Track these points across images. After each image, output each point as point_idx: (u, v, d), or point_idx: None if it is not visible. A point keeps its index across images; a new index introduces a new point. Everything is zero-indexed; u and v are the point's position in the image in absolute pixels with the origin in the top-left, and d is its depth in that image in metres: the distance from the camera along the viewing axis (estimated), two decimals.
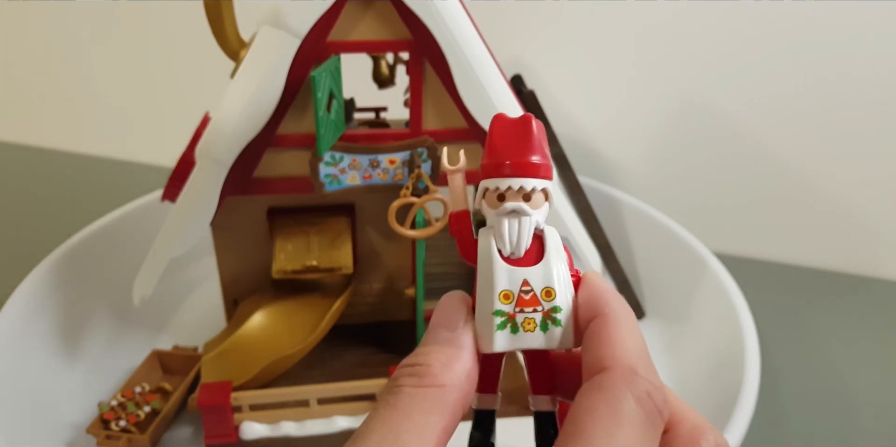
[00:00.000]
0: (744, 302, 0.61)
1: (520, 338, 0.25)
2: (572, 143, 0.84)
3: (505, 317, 0.25)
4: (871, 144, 0.76)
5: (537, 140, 0.26)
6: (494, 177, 0.26)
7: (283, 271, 0.54)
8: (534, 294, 0.25)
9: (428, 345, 0.26)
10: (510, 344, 0.25)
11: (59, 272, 0.64)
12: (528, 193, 0.26)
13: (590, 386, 0.23)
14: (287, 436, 0.52)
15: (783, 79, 0.75)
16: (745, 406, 0.50)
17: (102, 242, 0.70)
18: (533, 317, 0.25)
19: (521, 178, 0.25)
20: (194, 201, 0.51)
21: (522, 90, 0.68)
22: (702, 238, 0.70)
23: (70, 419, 0.57)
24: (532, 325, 0.25)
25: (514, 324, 0.25)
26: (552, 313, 0.25)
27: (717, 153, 0.81)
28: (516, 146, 0.26)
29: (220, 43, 0.50)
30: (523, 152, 0.25)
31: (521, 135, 0.26)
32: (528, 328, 0.25)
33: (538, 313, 0.25)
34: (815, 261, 0.82)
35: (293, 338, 0.54)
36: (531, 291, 0.25)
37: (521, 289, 0.25)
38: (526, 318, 0.25)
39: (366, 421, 0.24)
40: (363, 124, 0.57)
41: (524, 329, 0.25)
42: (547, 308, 0.25)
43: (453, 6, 0.48)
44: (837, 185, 0.78)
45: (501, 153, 0.26)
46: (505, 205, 0.26)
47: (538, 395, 0.27)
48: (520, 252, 0.26)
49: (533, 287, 0.25)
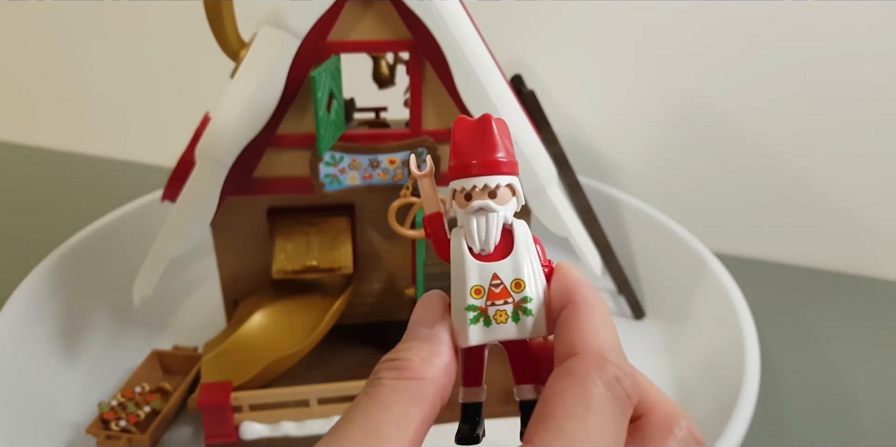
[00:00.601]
0: (744, 302, 0.61)
1: (493, 331, 0.26)
2: (572, 143, 0.84)
3: (477, 311, 0.26)
4: (871, 144, 0.76)
5: (498, 138, 0.27)
6: (460, 177, 0.27)
7: (283, 271, 0.54)
8: (503, 287, 0.26)
9: (407, 341, 0.26)
10: (484, 337, 0.26)
11: (60, 272, 0.64)
12: (493, 191, 0.26)
13: (560, 371, 0.24)
14: (287, 436, 0.52)
15: (783, 79, 0.75)
16: (745, 406, 0.50)
17: (102, 242, 0.70)
18: (504, 309, 0.26)
19: (485, 176, 0.26)
20: (194, 201, 0.51)
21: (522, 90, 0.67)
22: (702, 238, 0.70)
23: (70, 419, 0.57)
24: (504, 317, 0.26)
25: (486, 318, 0.26)
26: (522, 304, 0.26)
27: (717, 153, 0.81)
28: (478, 146, 0.26)
29: (220, 43, 0.50)
30: (485, 151, 0.26)
31: (481, 134, 0.27)
32: (501, 320, 0.26)
33: (509, 305, 0.26)
34: (815, 261, 0.82)
35: (293, 338, 0.54)
36: (501, 284, 0.26)
37: (491, 283, 0.26)
38: (497, 311, 0.26)
39: (346, 412, 0.24)
40: (363, 124, 0.57)
41: (496, 321, 0.26)
42: (517, 299, 0.26)
43: (453, 6, 0.48)
44: (837, 185, 0.78)
45: (464, 154, 0.27)
46: (472, 204, 0.26)
47: (521, 385, 0.28)
48: (489, 248, 0.27)
49: (502, 280, 0.26)
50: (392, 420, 0.23)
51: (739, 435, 0.48)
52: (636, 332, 0.69)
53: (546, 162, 0.55)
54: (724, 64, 0.77)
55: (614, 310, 0.72)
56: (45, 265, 0.64)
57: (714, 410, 0.54)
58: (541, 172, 0.54)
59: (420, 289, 0.57)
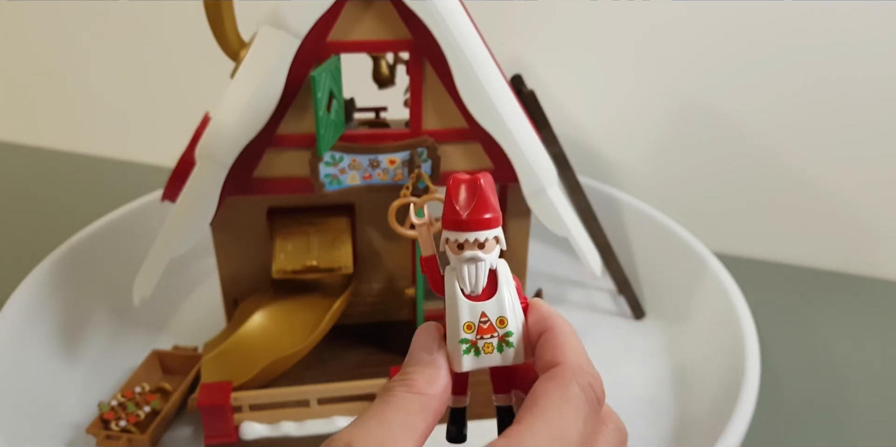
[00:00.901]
0: (743, 302, 0.61)
1: (481, 359, 0.31)
2: (572, 143, 0.84)
3: (469, 343, 0.31)
4: (871, 145, 0.76)
5: (487, 197, 0.30)
6: (454, 230, 0.31)
7: (284, 271, 0.54)
8: (490, 323, 0.31)
9: (411, 366, 0.31)
10: (474, 364, 0.32)
11: (60, 272, 0.64)
12: (482, 243, 0.31)
13: (545, 376, 0.30)
14: (287, 435, 0.52)
15: (783, 79, 0.75)
16: (745, 405, 0.50)
17: (103, 242, 0.70)
18: (491, 341, 0.31)
19: (475, 232, 0.30)
20: (194, 201, 0.51)
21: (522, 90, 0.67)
22: (702, 238, 0.70)
23: (70, 419, 0.57)
24: (490, 348, 0.31)
25: (476, 349, 0.31)
26: (506, 337, 0.31)
27: (717, 153, 0.82)
28: (469, 203, 0.31)
29: (220, 43, 0.51)
30: (476, 210, 0.30)
31: (472, 193, 0.31)
32: (488, 351, 0.31)
33: (495, 338, 0.31)
34: (815, 261, 0.82)
35: (293, 338, 0.54)
36: (488, 321, 0.31)
37: (480, 321, 0.31)
38: (486, 343, 0.31)
39: (361, 415, 0.29)
40: (363, 124, 0.57)
41: (485, 352, 0.31)
42: (501, 334, 0.31)
43: (453, 6, 0.48)
44: (837, 185, 0.79)
45: (457, 211, 0.31)
46: (464, 254, 0.31)
47: (499, 394, 0.33)
48: (478, 290, 0.31)
49: (489, 318, 0.31)
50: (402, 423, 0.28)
51: (739, 434, 0.48)
52: (636, 332, 0.69)
53: (546, 162, 0.55)
54: (724, 64, 0.77)
55: (614, 309, 0.72)
56: (46, 265, 0.64)
57: (714, 410, 0.54)
58: (541, 172, 0.54)
59: (420, 289, 0.57)
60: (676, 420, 0.58)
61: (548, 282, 0.75)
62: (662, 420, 0.58)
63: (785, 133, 0.78)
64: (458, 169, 0.54)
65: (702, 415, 0.56)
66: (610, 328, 0.69)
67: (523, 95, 0.64)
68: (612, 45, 0.80)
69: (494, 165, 0.54)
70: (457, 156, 0.54)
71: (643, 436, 0.57)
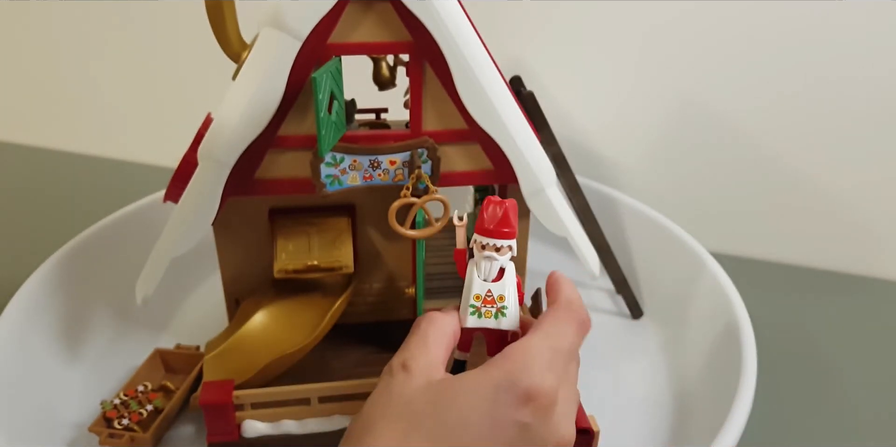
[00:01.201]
0: (741, 301, 0.61)
1: (482, 321, 0.45)
2: (571, 144, 0.85)
3: (475, 309, 0.45)
4: (870, 144, 0.76)
5: (509, 217, 0.43)
6: (482, 235, 0.44)
7: (285, 271, 0.55)
8: (492, 298, 0.44)
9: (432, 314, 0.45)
10: (476, 323, 0.45)
11: (63, 271, 0.65)
12: (498, 248, 0.44)
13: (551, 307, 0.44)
14: (288, 434, 0.52)
15: (781, 79, 0.76)
16: (743, 405, 0.51)
17: (105, 242, 0.70)
18: (490, 310, 0.45)
19: (495, 239, 0.44)
20: (196, 201, 0.51)
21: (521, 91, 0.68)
22: (699, 238, 0.71)
23: (72, 417, 0.57)
24: (489, 315, 0.45)
25: (479, 313, 0.45)
26: (502, 309, 0.45)
27: (715, 153, 0.82)
28: (494, 220, 0.44)
29: (221, 44, 0.51)
30: (499, 224, 0.44)
31: (499, 212, 0.44)
32: (487, 316, 0.45)
33: (493, 308, 0.45)
34: (813, 261, 0.82)
35: (294, 337, 0.55)
36: (491, 296, 0.44)
37: (485, 295, 0.44)
38: (486, 310, 0.45)
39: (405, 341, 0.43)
40: (363, 125, 0.57)
41: (485, 316, 0.45)
42: (499, 306, 0.45)
43: (453, 8, 0.49)
44: (835, 184, 0.79)
45: (487, 222, 0.44)
46: (484, 253, 0.44)
47: (461, 351, 0.47)
48: (489, 279, 0.44)
49: (493, 294, 0.44)
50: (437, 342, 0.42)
51: (736, 434, 0.49)
52: (634, 332, 0.70)
53: (545, 163, 0.55)
54: (722, 65, 0.77)
55: (613, 309, 0.73)
56: (49, 264, 0.64)
57: (711, 409, 0.54)
58: (540, 173, 0.54)
59: (420, 289, 0.57)
60: (674, 419, 0.58)
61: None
62: (660, 419, 0.59)
63: (783, 133, 0.78)
64: (457, 170, 0.54)
65: (699, 414, 0.57)
66: (608, 327, 0.70)
67: (522, 96, 0.64)
68: (610, 46, 0.80)
69: (494, 166, 0.54)
70: (456, 156, 0.54)
71: (641, 434, 0.57)
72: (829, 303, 0.76)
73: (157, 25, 0.95)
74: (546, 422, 0.38)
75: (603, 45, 0.81)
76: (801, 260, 0.83)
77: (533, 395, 0.38)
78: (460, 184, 0.55)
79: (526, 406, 0.37)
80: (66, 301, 0.64)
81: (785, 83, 0.76)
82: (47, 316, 0.62)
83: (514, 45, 0.83)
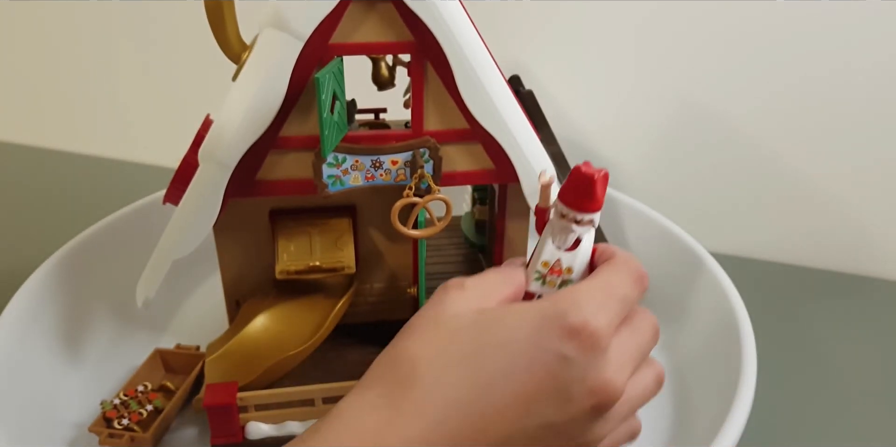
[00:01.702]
0: (741, 301, 0.62)
1: (544, 289, 0.43)
2: (570, 144, 0.85)
3: (540, 275, 0.43)
4: (870, 144, 0.76)
5: (598, 191, 0.40)
6: (567, 205, 0.41)
7: (287, 272, 0.55)
8: (560, 268, 0.43)
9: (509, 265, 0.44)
10: (539, 289, 0.43)
11: (63, 271, 0.65)
12: (579, 220, 0.41)
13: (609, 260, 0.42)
14: (292, 434, 0.52)
15: (781, 79, 0.76)
16: (742, 405, 0.51)
17: (105, 242, 0.70)
18: (555, 279, 0.43)
19: (579, 212, 0.41)
20: (197, 203, 0.51)
21: (520, 90, 0.68)
22: (699, 237, 0.71)
23: (72, 417, 0.57)
24: (553, 284, 0.43)
25: (543, 280, 0.43)
26: (566, 281, 0.43)
27: (715, 153, 0.82)
28: (580, 190, 0.40)
29: (221, 45, 0.51)
30: (582, 196, 0.40)
31: (588, 186, 0.39)
32: (552, 285, 0.43)
33: (559, 278, 0.43)
34: (813, 261, 0.82)
35: (296, 338, 0.55)
36: (560, 266, 0.43)
37: (554, 263, 0.43)
38: (551, 280, 0.43)
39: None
40: (363, 125, 0.57)
41: (549, 285, 0.43)
42: (565, 278, 0.43)
43: (455, 8, 0.49)
44: (835, 184, 0.79)
45: (571, 192, 0.40)
46: (563, 222, 0.41)
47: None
48: (564, 248, 0.42)
49: (562, 264, 0.43)
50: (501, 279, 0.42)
51: (736, 433, 0.49)
52: None
53: (546, 162, 0.55)
54: (722, 64, 0.77)
55: None
56: (49, 264, 0.64)
57: (711, 409, 0.54)
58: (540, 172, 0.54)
59: (422, 289, 0.57)
60: (673, 418, 0.59)
61: None
62: (659, 418, 0.59)
63: (783, 132, 0.78)
64: (459, 169, 0.54)
65: (699, 413, 0.57)
66: None
67: (521, 95, 0.64)
68: (610, 46, 0.80)
69: (495, 165, 0.54)
70: (458, 156, 0.54)
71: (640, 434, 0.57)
72: (829, 303, 0.76)
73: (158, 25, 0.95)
74: (591, 362, 0.36)
75: (602, 45, 0.81)
76: (801, 259, 0.83)
77: (579, 330, 0.36)
78: (462, 183, 0.55)
79: (571, 340, 0.36)
80: (66, 301, 0.64)
81: (784, 83, 0.76)
82: (47, 316, 0.62)
83: (513, 44, 0.83)
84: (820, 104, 0.76)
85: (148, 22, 0.95)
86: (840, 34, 0.72)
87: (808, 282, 0.80)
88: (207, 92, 0.92)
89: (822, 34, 0.73)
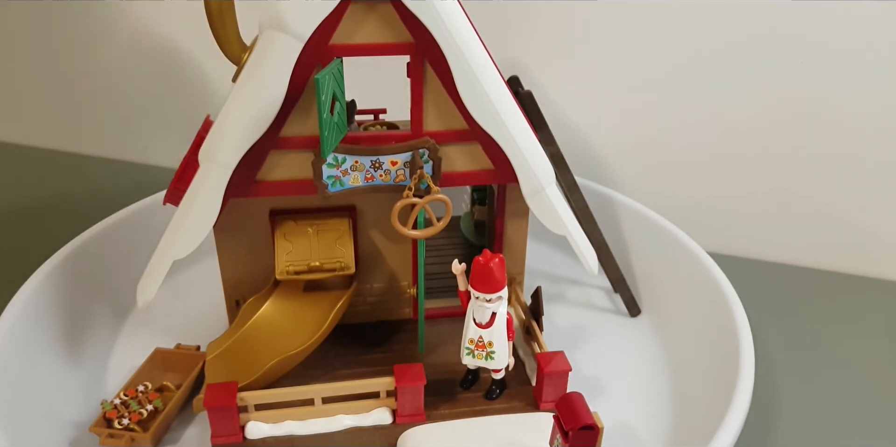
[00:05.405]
0: (739, 301, 0.62)
1: (475, 361, 0.54)
2: (569, 144, 0.84)
3: (469, 350, 0.54)
4: (869, 144, 0.76)
5: (494, 273, 0.50)
6: (476, 290, 0.51)
7: (287, 272, 0.55)
8: (483, 343, 0.53)
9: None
10: (471, 362, 0.55)
11: (63, 272, 0.65)
12: (489, 298, 0.51)
13: None
14: (292, 434, 0.53)
15: (780, 80, 0.76)
16: (740, 405, 0.51)
17: (105, 242, 0.70)
18: (481, 353, 0.53)
19: (486, 293, 0.51)
20: (198, 203, 0.51)
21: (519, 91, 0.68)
22: (697, 237, 0.71)
23: (72, 417, 0.57)
24: (481, 357, 0.54)
25: (473, 354, 0.54)
26: (491, 353, 0.53)
27: (714, 153, 0.82)
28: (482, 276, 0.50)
29: (221, 46, 0.51)
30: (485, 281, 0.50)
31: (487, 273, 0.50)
32: (479, 357, 0.54)
33: (484, 352, 0.53)
34: (812, 261, 0.82)
35: (296, 338, 0.55)
36: (483, 341, 0.53)
37: (478, 340, 0.53)
38: (478, 353, 0.54)
39: None
40: (374, 126, 0.57)
41: (477, 357, 0.54)
42: (488, 350, 0.53)
43: (453, 9, 0.49)
44: (835, 184, 0.79)
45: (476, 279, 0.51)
46: (477, 301, 0.51)
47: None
48: (483, 322, 0.52)
49: (484, 339, 0.53)
50: None
51: (734, 432, 0.49)
52: (632, 330, 0.70)
53: (544, 162, 0.55)
54: (721, 64, 0.77)
55: (610, 307, 0.73)
56: (49, 264, 0.64)
57: (709, 408, 0.54)
58: (539, 173, 0.55)
59: (421, 288, 0.57)
60: (672, 418, 0.59)
61: (545, 280, 0.76)
62: (658, 417, 0.59)
63: (782, 132, 0.79)
64: (458, 170, 0.55)
65: (697, 413, 0.57)
66: (606, 325, 0.70)
67: (520, 96, 0.64)
68: (609, 46, 0.81)
69: (494, 165, 0.55)
70: (457, 156, 0.54)
71: (639, 433, 0.57)
72: (827, 304, 0.76)
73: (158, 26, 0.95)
74: None
75: (602, 46, 0.81)
76: (799, 260, 0.83)
77: None
78: (461, 184, 0.56)
79: None
80: (67, 301, 0.64)
81: (784, 84, 0.76)
82: (47, 316, 0.62)
83: (512, 45, 0.83)
84: (821, 105, 0.76)
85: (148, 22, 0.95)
86: (840, 34, 0.72)
87: (806, 282, 0.80)
88: (208, 92, 0.93)
89: (821, 34, 0.73)
